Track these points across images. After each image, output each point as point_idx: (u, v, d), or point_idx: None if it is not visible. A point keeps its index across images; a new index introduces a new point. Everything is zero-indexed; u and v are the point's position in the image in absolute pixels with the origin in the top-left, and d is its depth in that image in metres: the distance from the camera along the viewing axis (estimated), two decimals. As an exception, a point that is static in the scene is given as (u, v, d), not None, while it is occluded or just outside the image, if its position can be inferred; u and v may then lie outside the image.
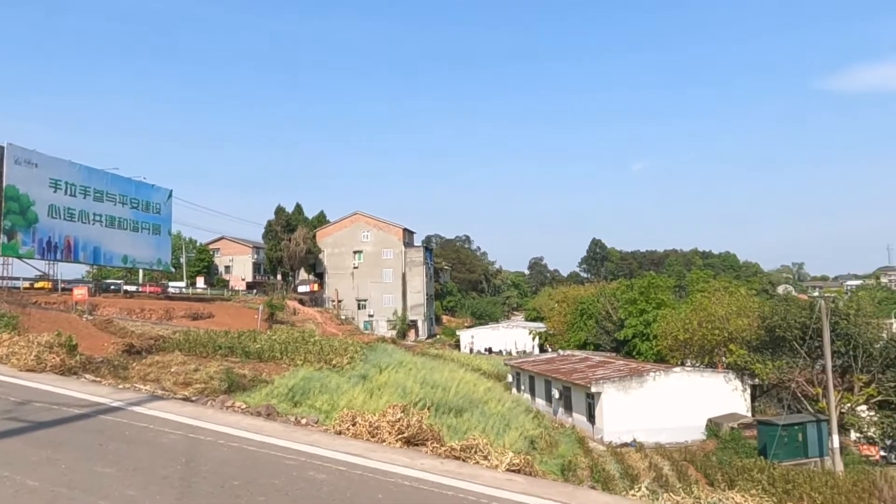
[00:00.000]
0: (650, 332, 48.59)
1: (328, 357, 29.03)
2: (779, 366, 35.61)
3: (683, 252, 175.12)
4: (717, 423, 35.91)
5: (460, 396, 28.83)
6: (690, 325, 42.57)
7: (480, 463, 6.08)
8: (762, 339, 37.72)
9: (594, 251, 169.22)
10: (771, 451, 29.38)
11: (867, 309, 37.38)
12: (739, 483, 22.23)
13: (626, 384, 36.56)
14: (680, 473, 26.82)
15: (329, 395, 22.62)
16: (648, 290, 51.91)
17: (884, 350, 33.77)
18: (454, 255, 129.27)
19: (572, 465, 25.83)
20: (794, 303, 40.57)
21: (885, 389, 33.20)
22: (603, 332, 56.88)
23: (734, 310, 41.99)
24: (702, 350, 43.06)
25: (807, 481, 24.01)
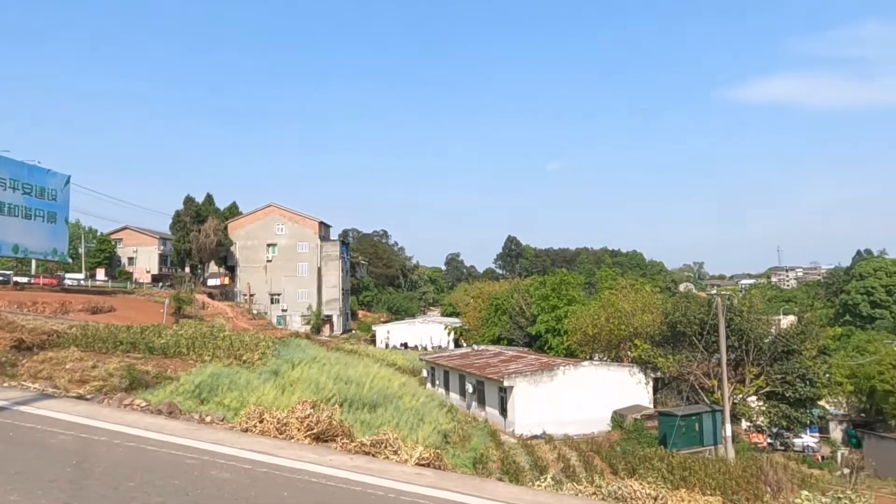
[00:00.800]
0: (561, 327, 50.05)
1: (238, 353, 28.14)
2: (679, 359, 37.51)
3: (594, 250, 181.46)
4: (621, 415, 37.43)
5: (374, 392, 28.67)
6: (599, 321, 44.16)
7: (390, 458, 6.07)
8: (664, 334, 39.62)
9: (510, 248, 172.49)
10: (670, 441, 30.93)
11: (758, 306, 40.02)
12: (641, 471, 23.29)
13: (537, 378, 37.50)
14: (586, 463, 27.79)
15: (238, 391, 21.93)
16: (560, 287, 53.44)
17: (772, 345, 36.24)
18: (371, 250, 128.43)
19: (484, 457, 26.25)
20: (693, 300, 42.82)
21: (773, 381, 35.64)
22: (516, 328, 58.08)
23: (639, 306, 43.93)
24: (609, 345, 44.79)
25: (702, 468, 25.45)
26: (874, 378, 41.13)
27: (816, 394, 36.90)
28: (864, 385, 43.13)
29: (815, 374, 35.89)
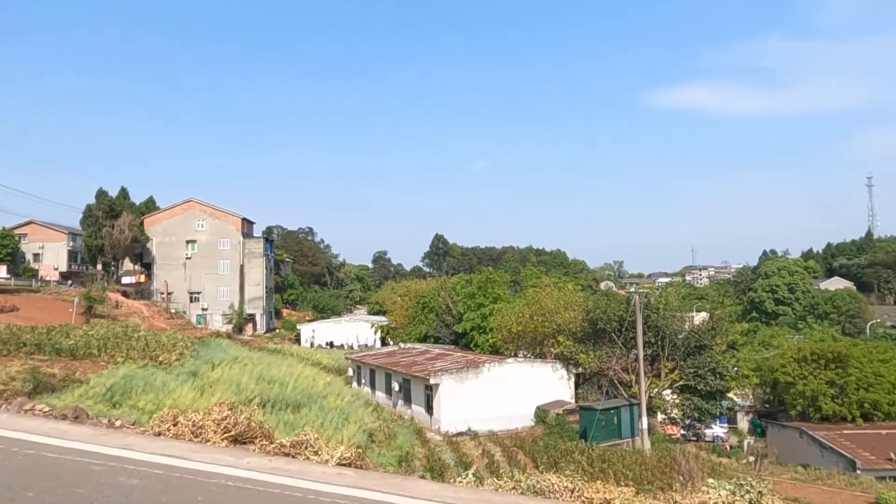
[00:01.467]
0: (487, 325, 50.67)
1: (154, 353, 27.09)
2: (599, 355, 38.70)
3: (520, 249, 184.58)
4: (544, 410, 38.27)
5: (298, 392, 28.22)
6: (523, 319, 44.99)
7: (311, 458, 5.97)
8: (586, 330, 40.78)
9: (437, 247, 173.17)
10: (590, 434, 31.87)
11: (673, 304, 41.81)
12: (562, 464, 23.92)
13: (462, 375, 37.81)
14: (510, 459, 28.28)
15: (154, 394, 21.12)
16: (486, 285, 54.09)
17: (686, 340, 37.94)
18: (296, 248, 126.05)
19: (410, 455, 26.26)
20: (613, 298, 44.30)
21: (686, 375, 37.32)
22: (443, 326, 58.39)
23: (562, 304, 45.04)
24: (533, 341, 45.71)
25: (620, 460, 26.38)
26: (777, 371, 43.69)
27: (726, 386, 38.88)
28: (768, 377, 45.76)
29: (724, 367, 37.82)
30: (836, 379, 40.59)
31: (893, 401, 39.85)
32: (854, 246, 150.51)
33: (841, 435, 35.73)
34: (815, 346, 44.86)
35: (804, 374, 41.63)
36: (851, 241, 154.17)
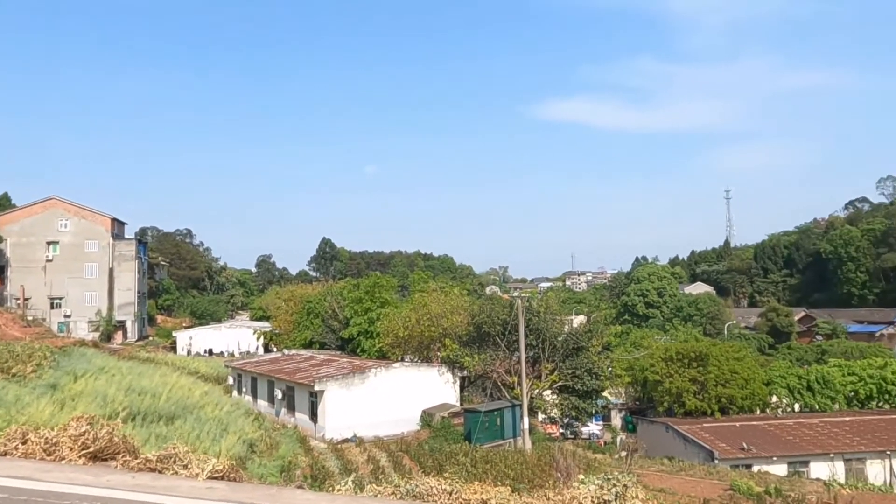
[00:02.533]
0: (374, 329, 50.40)
1: (6, 365, 24.70)
2: (484, 358, 39.55)
3: (408, 254, 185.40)
4: (430, 414, 38.57)
5: (173, 403, 26.70)
6: (410, 323, 45.16)
7: (179, 473, 5.65)
8: (471, 334, 41.56)
9: (324, 251, 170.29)
10: (475, 436, 32.48)
11: (554, 307, 43.56)
12: (447, 467, 24.18)
13: (348, 381, 37.37)
14: (396, 463, 28.22)
15: (5, 409, 19.24)
16: (374, 290, 53.81)
17: (565, 342, 39.58)
18: (173, 250, 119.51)
19: (292, 465, 25.55)
20: (497, 302, 45.50)
21: (565, 376, 38.93)
22: (329, 331, 57.44)
23: (449, 308, 45.64)
24: (420, 346, 45.99)
25: (502, 460, 27.05)
26: (647, 370, 46.55)
27: (601, 386, 40.94)
28: (639, 376, 48.65)
29: (599, 368, 39.82)
30: (698, 376, 43.82)
31: (746, 395, 43.59)
32: (714, 253, 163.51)
33: (701, 428, 38.62)
34: (680, 347, 48.23)
35: (670, 372, 44.61)
36: (712, 249, 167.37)
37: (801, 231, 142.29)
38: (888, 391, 45.75)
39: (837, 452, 34.82)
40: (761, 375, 46.16)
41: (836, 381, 46.38)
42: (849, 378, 46.91)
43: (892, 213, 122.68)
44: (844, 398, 46.03)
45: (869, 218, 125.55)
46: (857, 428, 38.63)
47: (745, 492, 22.71)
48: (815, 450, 35.19)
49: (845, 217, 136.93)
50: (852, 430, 38.34)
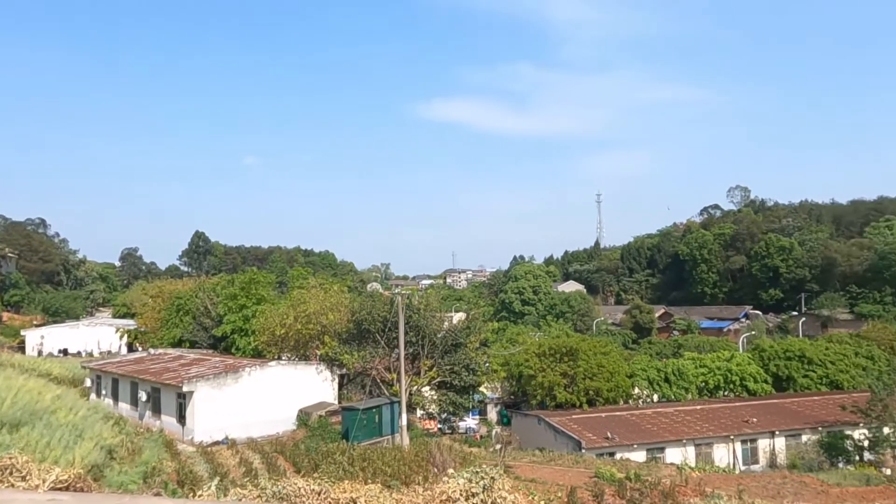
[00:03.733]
0: (249, 327, 48.64)
1: None
2: (363, 355, 39.33)
3: (287, 249, 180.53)
4: (307, 413, 37.81)
5: (18, 408, 24.30)
6: (288, 321, 44.00)
7: (17, 485, 5.13)
8: (351, 331, 41.18)
9: (197, 244, 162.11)
10: (352, 434, 32.21)
11: (434, 304, 44.06)
12: (323, 466, 23.78)
13: (220, 381, 35.83)
14: (270, 465, 27.38)
15: None
16: (250, 286, 51.91)
17: (444, 339, 40.18)
18: (24, 242, 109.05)
19: (157, 470, 24.09)
20: (378, 299, 45.34)
21: (443, 372, 39.53)
22: (200, 329, 54.79)
23: (328, 305, 44.93)
24: (298, 344, 44.92)
25: (380, 457, 26.99)
26: (521, 365, 48.25)
27: (478, 381, 41.95)
28: (514, 371, 50.31)
29: (477, 363, 40.77)
30: (569, 370, 45.99)
31: (611, 387, 46.31)
32: (585, 254, 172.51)
33: (571, 419, 40.58)
34: (553, 342, 50.42)
35: (543, 367, 46.50)
36: (583, 250, 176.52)
37: (663, 234, 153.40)
38: (733, 381, 50.32)
39: (689, 438, 37.83)
40: (625, 369, 49.23)
41: (689, 373, 50.37)
42: (700, 370, 51.11)
43: (740, 219, 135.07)
44: (696, 388, 50.09)
45: (720, 223, 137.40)
46: (706, 415, 42.17)
47: (608, 478, 24.09)
48: (671, 437, 38.02)
49: (700, 222, 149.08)
50: (702, 417, 41.80)
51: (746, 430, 39.45)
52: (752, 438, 39.32)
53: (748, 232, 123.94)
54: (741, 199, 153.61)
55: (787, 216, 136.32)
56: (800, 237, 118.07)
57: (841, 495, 24.20)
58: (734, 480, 26.58)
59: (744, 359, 53.20)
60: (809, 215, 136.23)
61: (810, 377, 50.72)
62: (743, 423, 40.36)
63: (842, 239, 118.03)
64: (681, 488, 22.05)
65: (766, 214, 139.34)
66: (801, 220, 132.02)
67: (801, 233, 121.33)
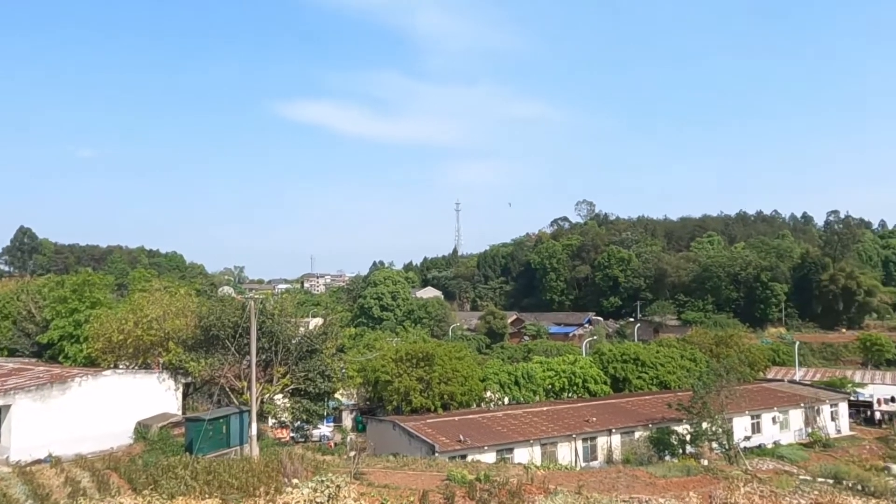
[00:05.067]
0: (81, 333, 44.46)
1: None
2: (211, 363, 37.32)
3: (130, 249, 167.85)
4: (146, 425, 35.23)
5: None
6: (127, 326, 40.79)
7: None
8: (198, 337, 38.91)
9: (21, 241, 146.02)
10: (196, 446, 30.40)
11: (289, 309, 42.79)
12: (163, 482, 22.19)
13: (44, 392, 32.43)
14: (101, 483, 25.10)
15: None
16: (83, 288, 47.44)
17: (299, 345, 39.11)
18: None
19: (-40, 496, 21.27)
20: (229, 303, 43.24)
21: (297, 379, 38.47)
22: (22, 335, 49.32)
23: (173, 310, 42.19)
24: (138, 351, 41.76)
25: (227, 469, 25.64)
26: (378, 370, 48.18)
27: (333, 388, 41.26)
28: (370, 377, 50.12)
29: (333, 370, 40.11)
30: (424, 375, 46.62)
31: (465, 391, 47.54)
32: (444, 261, 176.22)
33: (425, 424, 41.10)
34: (410, 347, 50.87)
35: (399, 372, 46.76)
36: (442, 257, 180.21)
37: (516, 243, 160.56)
38: (576, 383, 53.58)
39: (536, 438, 39.69)
40: (478, 373, 50.80)
41: (537, 376, 52.95)
42: (548, 373, 53.91)
43: (586, 231, 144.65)
44: (544, 391, 52.75)
45: (568, 235, 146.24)
46: (552, 416, 44.51)
47: (459, 480, 24.65)
48: (519, 437, 39.65)
49: (550, 233, 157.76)
50: (548, 418, 44.05)
51: (587, 429, 42.08)
52: (592, 437, 42.01)
53: (593, 244, 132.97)
54: (587, 213, 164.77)
55: (627, 230, 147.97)
56: (637, 249, 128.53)
57: (666, 486, 26.49)
58: (575, 477, 28.25)
59: (586, 362, 56.87)
60: (646, 230, 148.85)
61: (643, 378, 55.23)
62: (584, 422, 43.01)
63: (672, 252, 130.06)
64: (527, 486, 23.07)
65: (609, 228, 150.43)
66: (639, 233, 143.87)
67: (638, 245, 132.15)
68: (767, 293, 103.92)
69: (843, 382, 62.44)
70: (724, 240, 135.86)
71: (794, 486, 26.93)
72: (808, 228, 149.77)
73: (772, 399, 52.59)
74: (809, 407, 52.18)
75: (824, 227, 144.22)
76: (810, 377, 67.60)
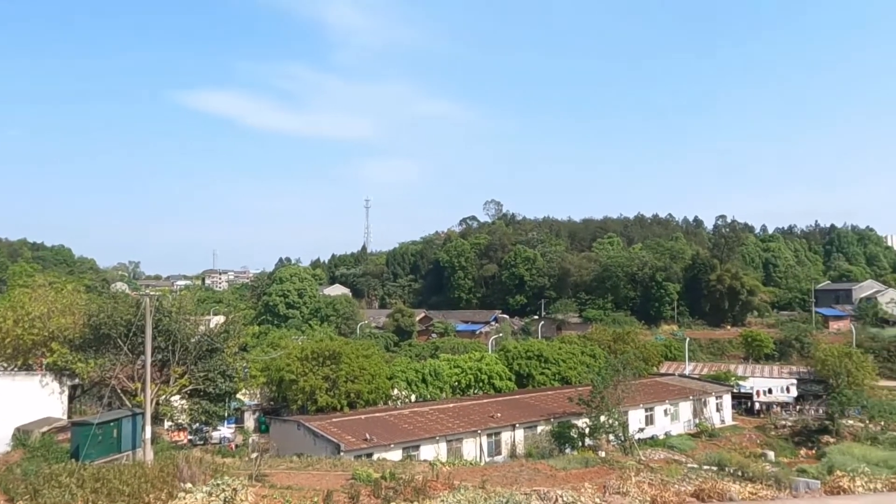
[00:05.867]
0: (-50, 333, 40.72)
1: None
2: (102, 364, 35.17)
3: (9, 242, 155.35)
4: (26, 431, 32.78)
5: None
6: (6, 325, 37.77)
7: None
8: (87, 337, 36.56)
9: None
10: (83, 452, 28.56)
11: (188, 307, 40.95)
12: (45, 491, 20.71)
13: None
14: (-30, 497, 23.13)
15: None
16: (-46, 283, 43.53)
17: (198, 344, 37.52)
18: None
19: None
20: (122, 301, 40.93)
21: (197, 379, 36.90)
22: None
23: (59, 307, 39.46)
24: (17, 351, 38.75)
25: (117, 476, 24.21)
26: (283, 369, 47.11)
27: (234, 388, 39.91)
28: (275, 376, 48.94)
29: (234, 369, 38.77)
30: (331, 374, 46.02)
31: (372, 389, 47.32)
32: (352, 258, 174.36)
33: (331, 423, 40.57)
34: (316, 346, 50.08)
35: (305, 371, 45.92)
36: (351, 254, 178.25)
37: (426, 241, 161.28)
38: (482, 380, 54.53)
39: (442, 435, 40.06)
40: (386, 371, 50.69)
41: (444, 373, 53.46)
42: (454, 370, 54.54)
43: (493, 230, 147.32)
44: (451, 387, 53.34)
45: (476, 234, 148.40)
46: (458, 413, 45.07)
47: (364, 479, 24.49)
48: (425, 435, 39.90)
49: (459, 232, 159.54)
50: (454, 414, 44.58)
51: (492, 424, 42.91)
52: (497, 432, 42.88)
53: (500, 243, 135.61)
54: (495, 213, 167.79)
55: (533, 230, 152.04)
56: (542, 249, 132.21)
57: (566, 478, 27.43)
58: (479, 472, 28.74)
59: (492, 359, 57.99)
60: (551, 230, 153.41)
61: (546, 374, 56.96)
62: (489, 418, 43.83)
63: (575, 252, 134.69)
64: (432, 483, 23.22)
65: (516, 227, 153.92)
66: (544, 234, 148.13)
67: (543, 245, 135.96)
68: (662, 292, 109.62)
69: (728, 376, 66.90)
70: (623, 241, 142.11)
71: (683, 474, 28.67)
72: (699, 232, 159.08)
73: (664, 392, 55.60)
74: (697, 399, 55.56)
75: (713, 230, 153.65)
76: (699, 371, 71.92)
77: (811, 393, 64.07)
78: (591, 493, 7.05)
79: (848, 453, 40.73)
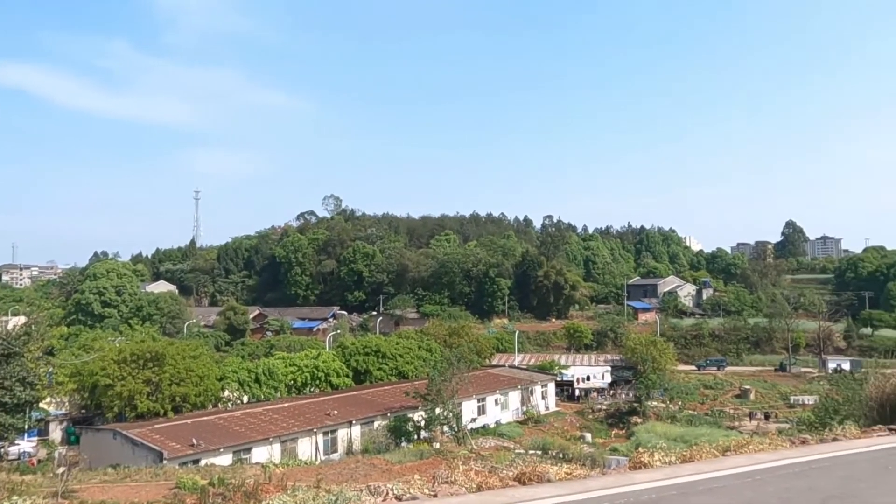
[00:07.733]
0: None
1: None
2: None
3: None
4: None
5: None
6: None
7: None
8: None
9: None
10: None
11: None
12: None
13: None
14: None
15: None
16: None
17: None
18: None
19: None
20: None
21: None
22: None
23: None
24: None
25: None
26: (97, 374, 42.99)
27: (37, 396, 35.78)
28: (87, 382, 44.53)
29: (37, 375, 34.74)
30: (153, 377, 42.80)
31: (200, 392, 44.70)
32: (180, 252, 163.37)
33: (153, 430, 37.75)
34: (136, 347, 46.26)
35: (123, 375, 42.29)
36: (178, 248, 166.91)
37: (261, 236, 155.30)
38: (319, 377, 53.69)
39: (276, 436, 38.89)
40: (216, 372, 48.14)
41: (279, 372, 51.92)
42: (290, 368, 53.16)
43: (332, 226, 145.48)
44: (286, 387, 51.91)
45: (315, 229, 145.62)
46: (293, 412, 44.00)
47: (190, 487, 23.12)
48: (258, 436, 38.49)
49: (297, 227, 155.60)
50: (289, 414, 43.46)
51: (328, 422, 42.45)
52: (333, 429, 42.49)
53: (339, 238, 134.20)
54: (334, 208, 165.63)
55: (372, 226, 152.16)
56: (381, 245, 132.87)
57: (401, 471, 27.84)
58: (314, 471, 28.30)
59: (329, 356, 57.31)
60: (390, 226, 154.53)
61: (384, 369, 57.36)
62: (325, 416, 43.31)
63: (414, 248, 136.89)
64: (264, 486, 22.45)
65: (355, 223, 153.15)
66: (383, 230, 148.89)
67: (382, 241, 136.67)
68: (494, 287, 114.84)
69: (552, 365, 71.78)
70: (459, 238, 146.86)
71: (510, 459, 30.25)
72: (529, 230, 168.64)
73: (495, 383, 58.37)
74: (525, 388, 59.02)
75: (541, 229, 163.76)
76: (527, 362, 76.42)
77: (623, 378, 70.67)
78: (421, 485, 7.19)
79: (652, 431, 45.45)
